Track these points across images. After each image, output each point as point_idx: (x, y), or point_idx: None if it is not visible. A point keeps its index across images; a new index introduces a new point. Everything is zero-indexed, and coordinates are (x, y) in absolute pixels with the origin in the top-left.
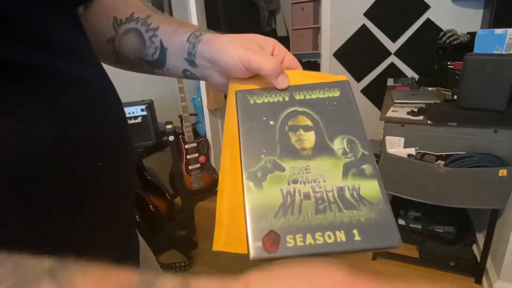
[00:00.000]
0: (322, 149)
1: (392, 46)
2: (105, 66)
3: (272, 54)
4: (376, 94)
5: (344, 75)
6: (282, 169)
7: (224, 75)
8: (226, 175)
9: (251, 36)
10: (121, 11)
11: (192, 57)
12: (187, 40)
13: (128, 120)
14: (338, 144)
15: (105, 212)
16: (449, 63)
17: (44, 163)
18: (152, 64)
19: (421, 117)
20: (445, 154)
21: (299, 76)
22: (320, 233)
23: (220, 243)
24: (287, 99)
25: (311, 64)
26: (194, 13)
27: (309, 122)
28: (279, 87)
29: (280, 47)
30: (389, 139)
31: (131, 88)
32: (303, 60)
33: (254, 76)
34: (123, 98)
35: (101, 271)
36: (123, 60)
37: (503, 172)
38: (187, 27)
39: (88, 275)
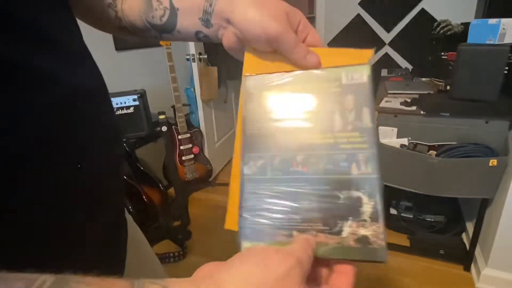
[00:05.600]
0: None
1: (387, 37)
2: (100, 57)
3: (297, 29)
4: None
5: (369, 49)
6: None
7: (242, 40)
8: (238, 160)
9: (279, 3)
10: None
11: (208, 15)
12: None
13: (120, 110)
14: None
15: (87, 210)
16: (442, 53)
17: (21, 162)
18: (160, 28)
19: (414, 108)
20: (437, 144)
21: (321, 55)
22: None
23: (232, 222)
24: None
25: None
26: None
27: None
28: (309, 67)
29: (305, 23)
30: (382, 129)
31: (123, 77)
32: None
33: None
34: (115, 88)
35: (100, 282)
36: (127, 26)
37: (493, 162)
38: None
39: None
